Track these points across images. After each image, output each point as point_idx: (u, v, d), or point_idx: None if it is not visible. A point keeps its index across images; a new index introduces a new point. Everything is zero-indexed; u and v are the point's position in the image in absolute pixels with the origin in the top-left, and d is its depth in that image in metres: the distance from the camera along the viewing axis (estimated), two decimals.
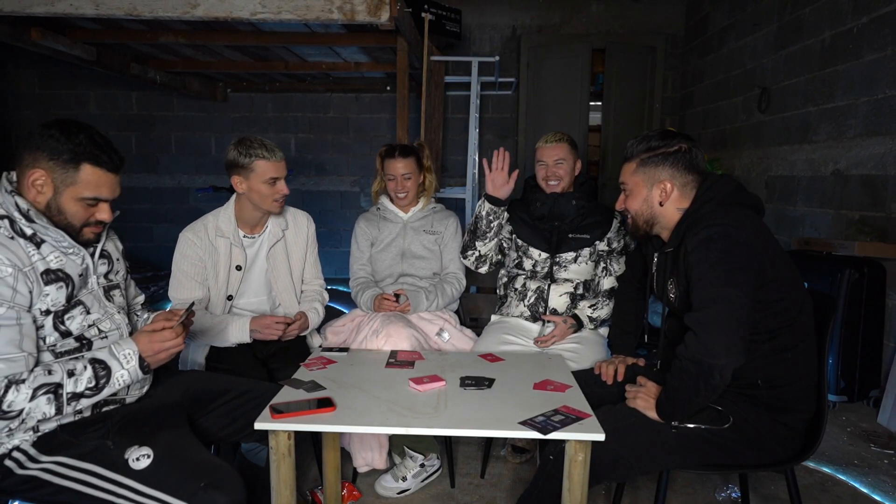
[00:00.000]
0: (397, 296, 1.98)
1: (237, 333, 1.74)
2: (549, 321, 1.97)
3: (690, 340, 1.24)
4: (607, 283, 2.05)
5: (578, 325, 1.97)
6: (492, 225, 1.96)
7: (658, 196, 1.41)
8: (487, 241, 2.00)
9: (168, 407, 1.37)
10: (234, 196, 1.86)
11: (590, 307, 2.00)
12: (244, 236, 1.85)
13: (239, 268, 1.83)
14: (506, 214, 1.99)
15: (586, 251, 2.01)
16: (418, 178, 2.14)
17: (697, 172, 1.40)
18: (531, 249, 2.04)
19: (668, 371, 1.42)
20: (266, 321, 1.75)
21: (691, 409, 1.31)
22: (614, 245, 2.03)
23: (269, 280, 1.89)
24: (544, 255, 2.02)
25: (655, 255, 1.53)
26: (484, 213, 1.95)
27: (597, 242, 2.01)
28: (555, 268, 2.02)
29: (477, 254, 2.03)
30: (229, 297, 1.83)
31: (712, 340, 1.20)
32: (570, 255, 2.00)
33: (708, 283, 1.25)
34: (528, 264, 2.06)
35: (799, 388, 1.34)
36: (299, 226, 1.98)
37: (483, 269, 2.09)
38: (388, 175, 2.09)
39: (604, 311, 2.00)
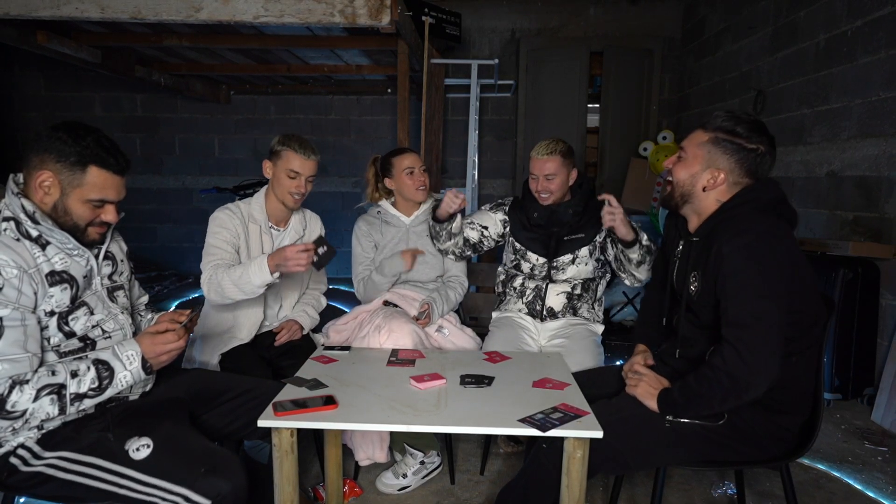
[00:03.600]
0: (421, 313, 1.98)
1: (259, 274, 1.63)
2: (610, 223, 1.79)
3: (731, 356, 1.21)
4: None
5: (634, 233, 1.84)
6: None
7: (705, 181, 1.34)
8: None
9: (169, 401, 1.39)
10: (264, 188, 1.92)
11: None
12: (271, 227, 1.91)
13: None
14: (460, 224, 2.06)
15: (584, 251, 2.01)
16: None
17: (755, 178, 1.33)
18: (529, 254, 2.06)
19: (673, 366, 1.43)
20: (287, 252, 1.60)
21: (708, 413, 1.31)
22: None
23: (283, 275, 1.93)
24: (542, 259, 2.04)
25: (680, 242, 1.47)
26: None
27: (596, 238, 2.01)
28: (552, 271, 2.04)
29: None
30: None
31: (756, 361, 1.19)
32: (568, 257, 2.02)
33: (749, 298, 1.21)
34: (525, 267, 2.08)
35: (797, 392, 1.34)
36: (313, 227, 2.04)
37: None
38: (407, 169, 2.08)
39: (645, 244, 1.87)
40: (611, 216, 1.77)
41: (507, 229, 2.12)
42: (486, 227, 2.12)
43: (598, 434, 1.20)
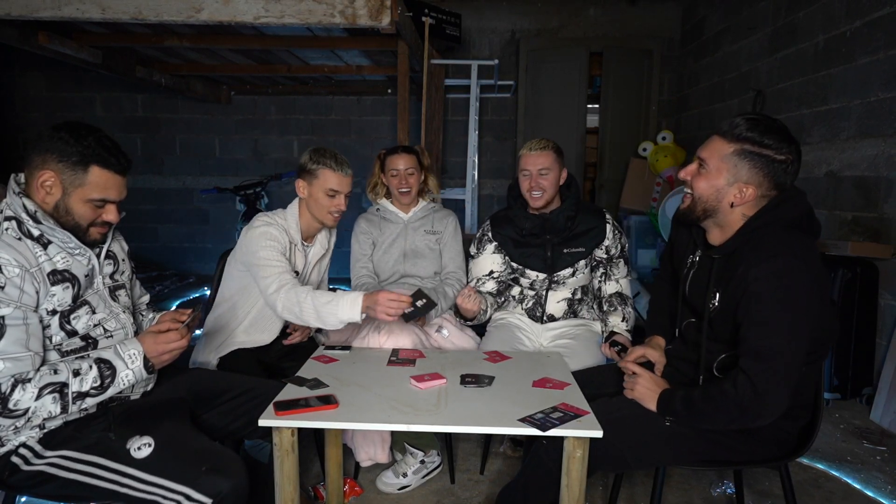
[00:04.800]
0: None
1: (348, 311, 1.55)
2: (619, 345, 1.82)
3: (744, 387, 1.18)
4: (611, 287, 2.00)
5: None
6: (482, 318, 2.00)
7: (732, 196, 1.26)
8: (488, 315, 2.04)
9: (170, 401, 1.40)
10: (295, 201, 1.85)
11: (622, 321, 1.95)
12: (303, 243, 1.87)
13: (297, 273, 1.85)
14: (486, 304, 1.98)
15: (582, 263, 1.97)
16: (419, 176, 2.17)
17: (781, 189, 1.27)
18: (527, 271, 2.00)
19: (678, 367, 1.43)
20: (381, 297, 1.52)
21: (707, 428, 1.30)
22: (613, 252, 1.98)
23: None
24: (542, 275, 1.99)
25: (697, 252, 1.41)
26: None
27: (595, 251, 1.98)
28: (552, 285, 2.00)
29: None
30: None
31: (771, 398, 1.17)
32: (568, 271, 1.97)
33: (772, 331, 1.17)
34: (525, 283, 2.03)
35: (800, 399, 1.34)
36: (332, 238, 2.03)
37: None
38: (392, 171, 2.12)
39: (632, 318, 1.96)
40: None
41: (504, 252, 2.03)
42: (492, 272, 2.03)
43: (598, 434, 1.20)
